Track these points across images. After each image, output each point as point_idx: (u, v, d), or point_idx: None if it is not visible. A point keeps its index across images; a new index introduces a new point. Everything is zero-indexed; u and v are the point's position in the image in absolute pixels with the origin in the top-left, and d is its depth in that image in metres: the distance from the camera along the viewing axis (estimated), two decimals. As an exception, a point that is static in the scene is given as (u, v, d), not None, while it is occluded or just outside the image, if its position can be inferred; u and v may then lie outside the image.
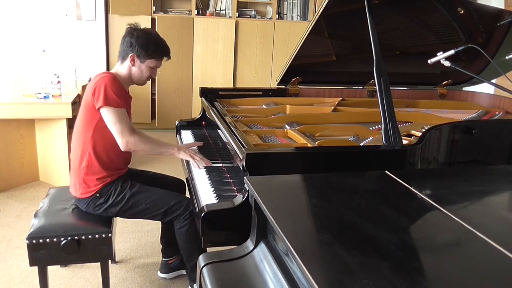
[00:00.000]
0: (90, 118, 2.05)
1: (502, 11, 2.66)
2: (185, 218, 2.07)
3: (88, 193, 2.07)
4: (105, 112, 2.01)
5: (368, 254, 1.01)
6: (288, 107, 2.60)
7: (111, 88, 2.00)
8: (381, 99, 1.86)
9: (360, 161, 1.77)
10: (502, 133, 2.28)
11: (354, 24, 2.43)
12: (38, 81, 3.95)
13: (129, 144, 2.04)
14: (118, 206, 2.08)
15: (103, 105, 1.99)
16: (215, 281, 1.28)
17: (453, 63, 1.98)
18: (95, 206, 2.08)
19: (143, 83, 2.21)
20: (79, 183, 2.09)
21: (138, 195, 2.08)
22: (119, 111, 2.03)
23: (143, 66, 2.12)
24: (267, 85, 5.45)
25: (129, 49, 2.09)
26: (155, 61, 2.14)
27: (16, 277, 2.44)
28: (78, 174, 2.09)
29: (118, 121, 2.02)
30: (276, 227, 1.12)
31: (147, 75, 2.16)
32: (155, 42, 2.12)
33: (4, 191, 3.51)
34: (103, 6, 5.03)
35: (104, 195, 2.07)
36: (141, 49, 2.08)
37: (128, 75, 2.14)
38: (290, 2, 5.58)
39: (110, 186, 2.08)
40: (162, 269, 2.50)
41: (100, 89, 2.00)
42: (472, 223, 1.14)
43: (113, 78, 2.05)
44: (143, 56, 2.10)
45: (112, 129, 2.03)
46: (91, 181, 2.07)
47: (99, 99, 1.99)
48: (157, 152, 2.18)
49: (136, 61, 2.11)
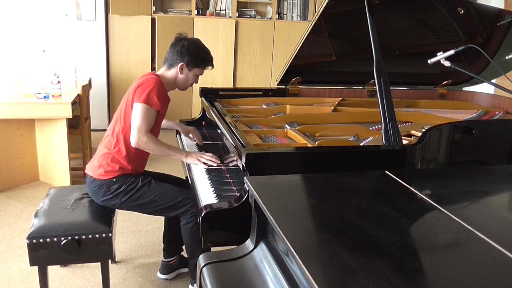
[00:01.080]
0: (129, 113, 2.12)
1: (502, 11, 2.67)
2: (191, 214, 2.09)
3: (107, 175, 2.12)
4: (137, 107, 2.08)
5: (368, 254, 1.01)
6: (288, 107, 2.60)
7: (156, 89, 2.10)
8: (381, 99, 1.86)
9: (360, 161, 1.77)
10: (502, 133, 2.28)
11: (354, 24, 2.43)
12: (38, 81, 3.94)
13: (140, 140, 2.08)
14: (127, 195, 2.12)
15: (140, 102, 2.07)
16: (215, 281, 1.28)
17: (453, 63, 1.98)
18: (107, 190, 2.12)
19: (186, 89, 2.34)
20: (102, 165, 2.14)
21: (148, 186, 2.14)
22: (151, 111, 2.09)
23: (190, 74, 2.24)
24: (267, 85, 5.45)
25: (179, 58, 2.19)
26: (201, 69, 2.26)
27: (16, 277, 2.44)
28: (105, 156, 2.15)
29: (143, 118, 2.07)
30: (276, 227, 1.12)
31: (191, 82, 2.29)
32: (203, 52, 2.25)
33: (4, 191, 3.51)
34: (103, 6, 5.03)
35: (119, 182, 2.12)
36: (191, 59, 2.19)
37: (173, 81, 2.25)
38: (290, 2, 5.58)
39: (127, 176, 2.15)
40: (162, 270, 2.49)
41: (145, 87, 2.09)
42: (472, 223, 1.14)
43: (159, 81, 2.16)
44: (191, 65, 2.21)
45: (134, 122, 2.08)
46: (114, 166, 2.13)
47: (141, 96, 2.07)
48: (166, 155, 2.22)
49: (184, 69, 2.21)
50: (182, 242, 2.36)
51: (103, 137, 2.25)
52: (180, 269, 2.50)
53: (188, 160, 2.17)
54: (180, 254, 2.51)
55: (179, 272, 2.51)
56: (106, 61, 5.21)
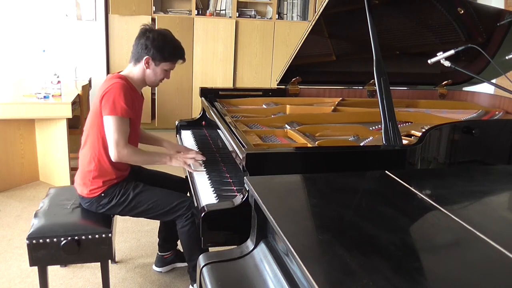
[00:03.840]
0: (99, 122, 2.02)
1: (502, 11, 2.66)
2: (187, 218, 2.07)
3: (94, 193, 2.08)
4: (108, 120, 1.98)
5: (368, 254, 1.01)
6: (288, 107, 2.60)
7: (120, 96, 1.97)
8: (381, 99, 1.86)
9: (360, 161, 1.77)
10: (502, 133, 2.28)
11: (354, 24, 2.43)
12: (38, 81, 3.94)
13: (120, 155, 1.99)
14: (121, 207, 2.09)
15: (108, 114, 1.97)
16: (215, 281, 1.28)
17: (453, 63, 1.98)
18: (99, 205, 2.09)
19: (156, 85, 2.20)
20: (85, 184, 2.09)
21: (141, 196, 2.09)
22: (122, 121, 1.99)
23: (158, 69, 2.09)
24: (267, 85, 5.44)
25: (143, 51, 2.05)
26: (170, 64, 2.10)
27: (16, 277, 2.44)
28: (86, 175, 2.08)
29: (117, 130, 1.98)
30: (276, 227, 1.12)
31: (161, 78, 2.13)
32: (171, 45, 2.08)
33: (4, 191, 3.51)
34: (103, 6, 5.03)
35: (109, 196, 2.08)
36: (157, 52, 2.04)
37: (142, 77, 2.11)
38: (290, 2, 5.58)
39: (115, 187, 2.09)
40: (157, 263, 2.54)
41: (109, 97, 1.97)
42: (472, 223, 1.14)
43: (124, 85, 2.01)
44: (158, 59, 2.06)
45: (109, 137, 1.99)
46: (98, 183, 2.07)
47: (106, 108, 1.97)
48: (150, 163, 2.14)
49: (151, 64, 2.07)
50: (177, 238, 2.36)
51: (80, 149, 2.15)
52: (175, 263, 2.53)
53: (174, 163, 2.11)
54: (175, 249, 2.53)
55: (174, 266, 2.54)
56: (106, 61, 5.21)
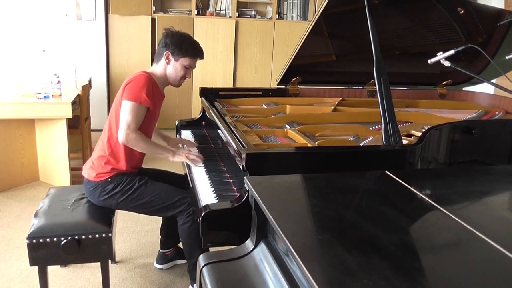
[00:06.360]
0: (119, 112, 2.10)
1: (502, 11, 2.66)
2: (188, 214, 2.09)
3: (101, 177, 2.12)
4: (126, 104, 2.06)
5: (368, 254, 1.01)
6: (288, 107, 2.60)
7: (145, 86, 2.07)
8: (381, 99, 1.86)
9: (360, 161, 1.77)
10: (502, 133, 2.28)
11: (354, 24, 2.43)
12: (38, 81, 3.94)
13: (128, 137, 2.06)
14: (124, 195, 2.11)
15: (127, 99, 2.05)
16: (215, 281, 1.28)
17: (453, 63, 1.98)
18: (103, 190, 2.12)
19: (179, 84, 2.27)
20: (95, 168, 2.14)
21: (144, 187, 2.13)
22: (139, 108, 2.07)
23: (178, 64, 2.18)
24: (267, 85, 5.45)
25: (163, 48, 2.17)
26: (189, 59, 2.19)
27: (16, 277, 2.44)
28: (100, 159, 2.15)
29: (131, 114, 2.05)
30: (276, 227, 1.12)
31: (181, 74, 2.21)
32: (188, 41, 2.20)
33: (4, 191, 3.51)
34: (103, 6, 5.03)
35: (115, 182, 2.12)
36: (175, 47, 2.15)
37: (164, 74, 2.21)
38: (290, 2, 5.58)
39: (123, 175, 2.14)
40: (158, 260, 2.55)
41: (132, 85, 2.07)
42: (472, 223, 1.14)
43: (148, 77, 2.13)
44: (177, 53, 2.16)
45: (122, 119, 2.06)
46: (107, 168, 2.13)
47: (127, 94, 2.06)
48: (154, 153, 2.19)
49: (170, 59, 2.18)
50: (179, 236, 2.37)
51: (99, 139, 2.24)
52: (176, 260, 2.55)
53: (176, 159, 2.17)
54: (176, 246, 2.54)
55: (175, 263, 2.56)
56: (106, 61, 5.21)
